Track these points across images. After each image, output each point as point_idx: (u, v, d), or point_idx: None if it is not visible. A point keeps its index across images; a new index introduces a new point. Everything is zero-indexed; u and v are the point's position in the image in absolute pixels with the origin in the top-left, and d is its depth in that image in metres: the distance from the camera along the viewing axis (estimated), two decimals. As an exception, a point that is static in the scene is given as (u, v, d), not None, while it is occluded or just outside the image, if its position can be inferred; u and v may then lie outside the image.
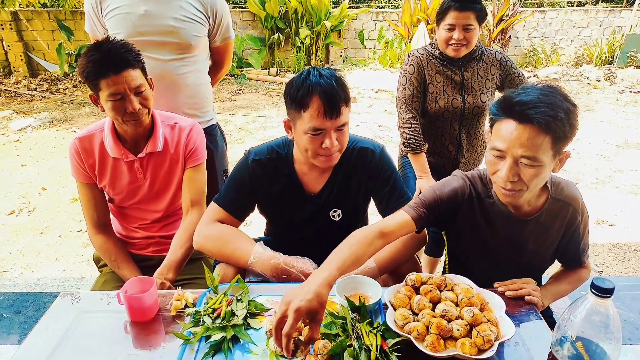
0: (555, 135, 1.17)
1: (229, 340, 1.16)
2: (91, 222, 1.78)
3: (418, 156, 2.25)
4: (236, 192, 1.57)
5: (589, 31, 10.15)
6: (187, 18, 1.98)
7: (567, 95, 1.21)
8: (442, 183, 1.45)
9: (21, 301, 2.62)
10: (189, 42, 2.01)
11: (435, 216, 1.40)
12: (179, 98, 2.07)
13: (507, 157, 1.21)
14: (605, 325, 0.85)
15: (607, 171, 4.72)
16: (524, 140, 1.17)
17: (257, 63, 9.14)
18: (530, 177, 1.21)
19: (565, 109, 1.17)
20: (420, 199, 1.42)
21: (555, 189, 1.39)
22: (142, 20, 1.93)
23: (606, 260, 3.15)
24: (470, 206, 1.42)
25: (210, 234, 1.51)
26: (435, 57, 2.22)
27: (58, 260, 3.18)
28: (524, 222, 1.39)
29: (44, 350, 1.18)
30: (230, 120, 6.39)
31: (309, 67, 1.43)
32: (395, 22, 9.59)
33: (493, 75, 2.28)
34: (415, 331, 1.12)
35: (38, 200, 4.09)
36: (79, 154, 1.70)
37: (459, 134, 2.30)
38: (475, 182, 1.43)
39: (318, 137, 1.39)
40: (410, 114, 2.24)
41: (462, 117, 2.26)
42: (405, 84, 2.25)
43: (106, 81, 1.52)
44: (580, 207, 1.41)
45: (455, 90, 2.23)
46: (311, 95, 1.35)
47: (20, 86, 8.04)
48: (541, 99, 1.17)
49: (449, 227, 1.51)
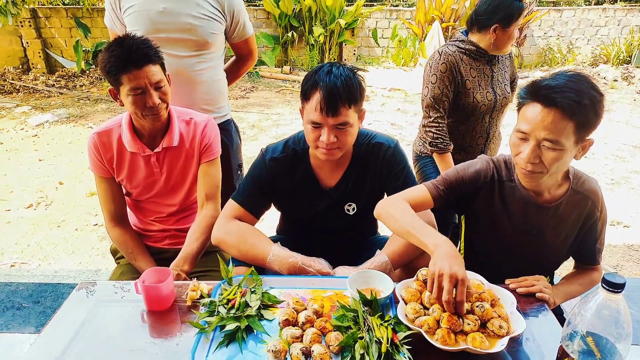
0: (579, 121, 1.19)
1: (242, 330, 1.18)
2: (109, 215, 1.82)
3: (444, 156, 2.26)
4: (254, 190, 1.60)
5: (607, 30, 9.99)
6: (204, 16, 2.01)
7: (595, 84, 1.23)
8: (467, 164, 1.48)
9: (39, 291, 2.68)
10: (206, 39, 2.04)
11: (456, 196, 1.44)
12: (195, 94, 2.10)
13: (530, 140, 1.24)
14: (616, 321, 0.85)
15: (623, 172, 4.66)
16: (547, 123, 1.19)
17: (270, 61, 9.17)
18: (552, 160, 1.23)
19: (591, 96, 1.19)
20: (443, 177, 1.46)
21: (577, 181, 1.41)
22: (161, 18, 1.97)
23: (620, 262, 3.12)
24: (490, 189, 1.44)
25: (230, 230, 1.54)
26: (466, 52, 2.23)
27: (74, 253, 3.24)
28: (543, 209, 1.40)
29: (63, 338, 1.21)
30: (243, 118, 6.44)
31: (328, 62, 1.46)
32: (409, 21, 9.55)
33: (508, 67, 2.40)
34: (426, 325, 1.13)
35: (55, 194, 4.18)
36: (98, 148, 1.74)
37: (488, 127, 2.36)
38: (500, 165, 1.46)
39: (317, 129, 1.44)
40: (438, 114, 2.23)
41: (493, 110, 2.32)
42: (436, 82, 2.21)
43: (128, 76, 1.56)
44: (600, 203, 1.42)
45: (487, 84, 2.27)
46: (314, 90, 1.41)
47: (39, 82, 8.18)
48: (568, 84, 1.19)
49: (468, 211, 1.53)
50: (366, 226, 1.79)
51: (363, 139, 1.60)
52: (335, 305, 1.28)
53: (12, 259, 3.15)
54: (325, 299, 1.32)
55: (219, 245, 1.57)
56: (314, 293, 1.35)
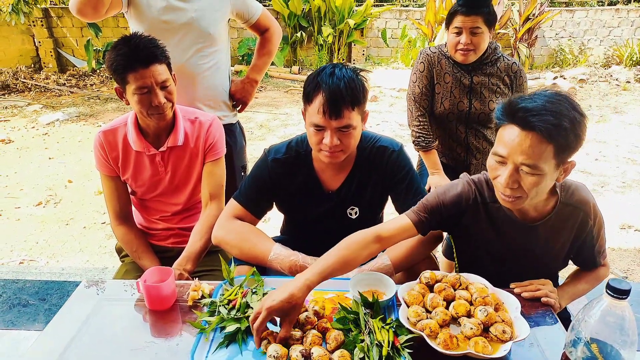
0: (558, 144, 1.14)
1: (243, 332, 1.18)
2: (114, 214, 1.83)
3: (429, 153, 2.25)
4: (256, 191, 1.59)
5: (620, 31, 9.86)
6: (205, 8, 2.02)
7: (576, 104, 1.18)
8: (446, 187, 1.42)
9: (46, 289, 2.70)
10: (209, 32, 2.04)
11: (437, 221, 1.38)
12: (196, 91, 2.10)
13: (507, 164, 1.19)
14: (621, 328, 0.83)
15: (635, 175, 4.58)
16: (525, 147, 1.14)
17: (279, 61, 9.18)
18: (530, 185, 1.18)
19: (571, 118, 1.14)
20: (423, 203, 1.39)
21: (565, 193, 1.35)
22: (163, 13, 1.97)
23: (631, 266, 3.06)
24: (475, 211, 1.39)
25: (231, 229, 1.53)
26: (447, 57, 2.19)
27: (82, 250, 3.27)
28: (531, 227, 1.35)
29: (66, 335, 1.22)
30: (251, 118, 6.45)
31: (330, 63, 1.45)
32: (419, 21, 9.50)
33: (505, 85, 2.21)
34: (428, 328, 1.12)
35: (64, 193, 4.21)
36: (103, 147, 1.75)
37: (466, 137, 2.27)
38: (481, 186, 1.39)
39: (319, 132, 1.42)
40: (419, 112, 2.23)
41: (467, 121, 2.23)
42: (415, 81, 2.24)
43: (134, 75, 1.56)
44: (591, 211, 1.36)
45: (462, 94, 2.19)
46: (316, 92, 1.38)
47: (50, 81, 8.27)
48: (546, 106, 1.14)
49: (455, 231, 1.49)
50: None
51: (367, 142, 1.58)
52: (336, 307, 1.27)
53: (21, 256, 3.18)
54: (327, 301, 1.32)
55: (220, 245, 1.57)
56: (315, 294, 1.34)
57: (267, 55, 2.36)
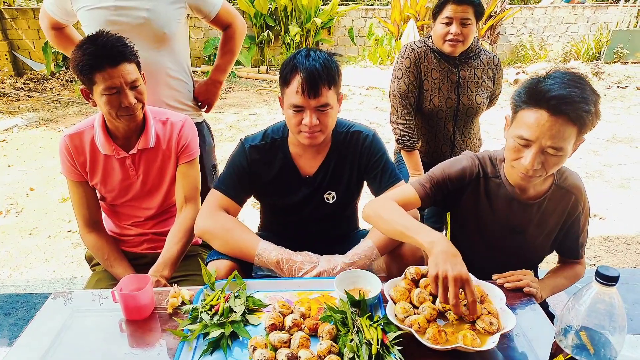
0: (583, 125, 1.19)
1: (227, 337, 1.14)
2: (83, 221, 1.74)
3: (411, 154, 2.22)
4: (235, 178, 1.59)
5: (577, 27, 10.25)
6: (159, 7, 1.93)
7: (592, 85, 1.22)
8: (452, 162, 1.46)
9: (10, 302, 2.57)
10: (163, 31, 1.96)
11: (442, 194, 1.43)
12: (160, 93, 2.02)
13: (532, 146, 1.22)
14: (610, 314, 0.84)
15: (597, 165, 4.76)
16: (554, 132, 1.18)
17: (246, 61, 9.08)
18: (553, 164, 1.24)
19: (594, 101, 1.18)
20: (429, 175, 1.44)
21: (560, 176, 1.41)
22: (115, 13, 1.89)
23: (597, 253, 3.17)
24: (476, 185, 1.44)
25: (216, 220, 1.51)
26: (433, 51, 2.16)
27: (48, 261, 3.12)
28: (527, 205, 1.40)
29: (38, 350, 1.15)
30: (220, 119, 6.34)
31: (304, 47, 1.49)
32: (385, 19, 9.60)
33: (489, 78, 2.23)
34: (416, 324, 1.11)
35: (26, 201, 4.02)
36: (70, 151, 1.66)
37: (453, 135, 2.25)
38: (484, 162, 1.45)
39: (299, 113, 1.44)
40: (404, 110, 2.19)
41: (455, 118, 2.21)
42: (401, 77, 2.18)
43: (102, 74, 1.49)
44: (582, 198, 1.44)
45: (450, 89, 2.17)
46: (294, 74, 1.42)
47: (6, 86, 7.90)
48: (575, 92, 1.16)
49: (454, 208, 1.52)
50: (346, 216, 1.78)
51: (342, 127, 1.62)
52: (322, 308, 1.25)
53: (-19, 270, 3.01)
54: (312, 301, 1.29)
55: (203, 237, 1.54)
56: (300, 295, 1.31)
57: (230, 54, 2.29)
